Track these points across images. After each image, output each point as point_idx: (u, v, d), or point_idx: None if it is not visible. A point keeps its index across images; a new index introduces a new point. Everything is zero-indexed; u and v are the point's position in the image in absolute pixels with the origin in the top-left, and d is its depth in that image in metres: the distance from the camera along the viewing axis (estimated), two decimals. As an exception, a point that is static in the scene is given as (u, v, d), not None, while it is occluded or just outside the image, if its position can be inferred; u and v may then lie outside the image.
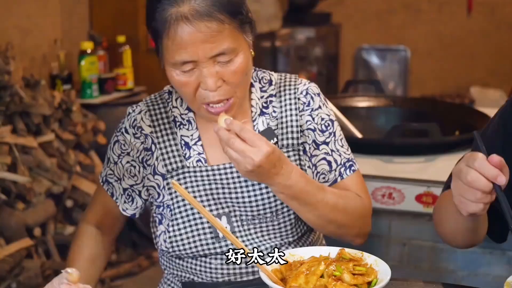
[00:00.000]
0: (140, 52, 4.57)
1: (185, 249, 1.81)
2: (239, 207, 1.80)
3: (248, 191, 1.81)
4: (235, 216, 1.80)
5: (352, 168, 1.88)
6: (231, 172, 1.81)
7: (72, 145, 3.94)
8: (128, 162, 1.86)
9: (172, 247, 1.82)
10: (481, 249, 2.48)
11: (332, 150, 1.86)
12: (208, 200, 1.80)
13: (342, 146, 1.88)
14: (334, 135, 1.87)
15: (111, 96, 4.33)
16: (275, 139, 1.83)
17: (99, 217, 1.94)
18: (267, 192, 1.81)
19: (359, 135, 2.89)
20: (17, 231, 3.50)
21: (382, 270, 1.48)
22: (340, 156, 1.87)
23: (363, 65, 6.62)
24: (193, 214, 1.80)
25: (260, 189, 1.80)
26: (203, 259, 1.82)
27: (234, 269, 1.81)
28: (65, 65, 4.18)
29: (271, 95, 1.87)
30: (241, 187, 1.81)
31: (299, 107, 1.85)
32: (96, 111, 4.20)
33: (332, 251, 1.55)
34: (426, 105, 3.27)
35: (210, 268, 1.82)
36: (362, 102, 3.24)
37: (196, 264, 1.83)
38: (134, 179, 1.87)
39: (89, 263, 1.91)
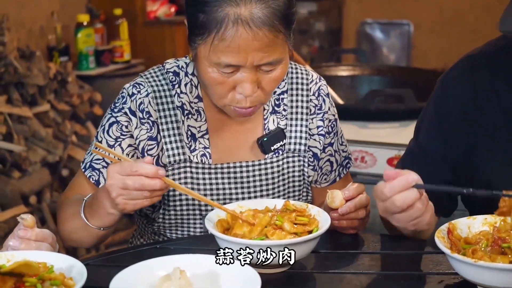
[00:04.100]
0: (137, 24, 4.62)
1: (171, 235, 1.81)
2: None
3: (249, 192, 1.79)
4: None
5: (348, 165, 1.91)
6: (234, 172, 1.77)
7: (68, 115, 4.00)
8: (130, 145, 1.72)
9: (159, 229, 1.81)
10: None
11: (335, 151, 1.87)
12: (207, 196, 1.75)
13: (341, 144, 1.89)
14: (337, 134, 1.87)
15: (108, 68, 4.39)
16: (283, 141, 1.80)
17: None
18: (267, 195, 1.80)
19: (340, 102, 2.94)
20: (13, 198, 3.57)
21: (323, 220, 1.54)
22: (340, 155, 1.88)
23: (367, 39, 6.62)
24: (187, 209, 1.77)
25: (262, 190, 1.79)
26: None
27: None
28: (62, 38, 4.24)
29: (283, 92, 1.83)
30: (242, 187, 1.78)
31: (310, 110, 1.82)
32: (93, 83, 4.26)
33: (278, 203, 1.60)
34: (409, 74, 3.30)
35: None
36: (346, 71, 3.28)
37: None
38: None
39: None
